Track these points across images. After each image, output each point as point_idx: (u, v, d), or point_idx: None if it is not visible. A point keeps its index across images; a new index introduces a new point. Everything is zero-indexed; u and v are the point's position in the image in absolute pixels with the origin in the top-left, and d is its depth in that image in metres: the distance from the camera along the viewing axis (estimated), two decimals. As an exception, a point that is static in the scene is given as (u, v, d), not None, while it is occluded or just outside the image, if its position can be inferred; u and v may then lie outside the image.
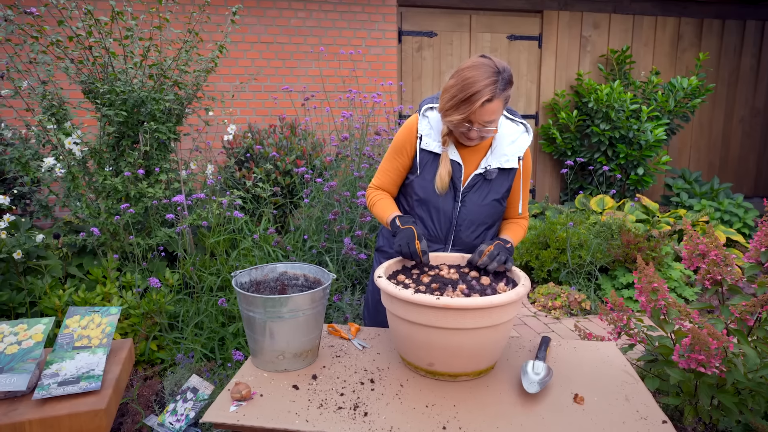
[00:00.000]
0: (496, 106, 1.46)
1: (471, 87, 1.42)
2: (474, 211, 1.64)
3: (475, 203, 1.64)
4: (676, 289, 3.71)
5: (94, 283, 2.74)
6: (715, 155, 6.60)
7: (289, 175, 3.82)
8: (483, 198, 1.64)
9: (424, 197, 1.64)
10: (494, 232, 1.74)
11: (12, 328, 1.33)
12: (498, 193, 1.65)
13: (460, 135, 1.56)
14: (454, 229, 1.66)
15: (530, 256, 4.02)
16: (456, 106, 1.46)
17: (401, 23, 5.49)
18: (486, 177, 1.63)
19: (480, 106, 1.43)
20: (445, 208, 1.64)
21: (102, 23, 2.69)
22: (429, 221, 1.67)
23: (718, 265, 2.01)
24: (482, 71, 1.44)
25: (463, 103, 1.44)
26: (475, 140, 1.56)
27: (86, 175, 2.88)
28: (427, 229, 1.68)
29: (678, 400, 1.91)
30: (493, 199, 1.65)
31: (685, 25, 6.19)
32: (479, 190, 1.64)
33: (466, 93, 1.43)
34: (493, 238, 1.73)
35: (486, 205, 1.64)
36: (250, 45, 4.94)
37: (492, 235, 1.73)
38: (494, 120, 1.49)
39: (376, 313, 1.84)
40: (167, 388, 2.13)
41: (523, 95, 6.01)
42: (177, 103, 3.00)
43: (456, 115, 1.47)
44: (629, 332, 2.02)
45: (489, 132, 1.52)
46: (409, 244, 1.46)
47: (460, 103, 1.45)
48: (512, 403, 1.24)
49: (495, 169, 1.63)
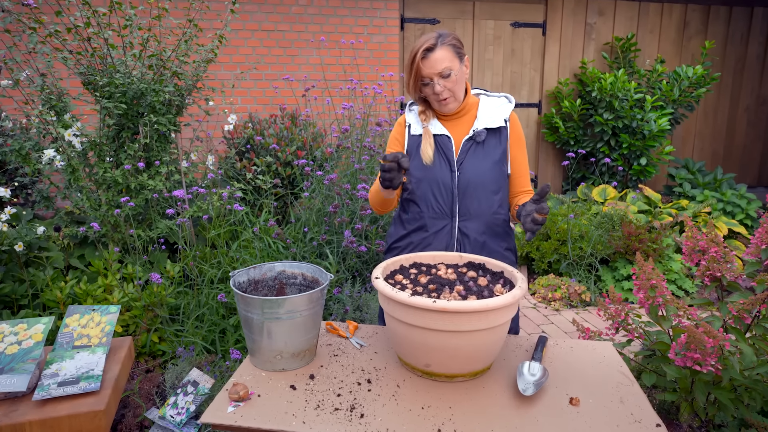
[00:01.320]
0: (441, 54, 1.57)
1: (412, 52, 1.61)
2: (473, 176, 1.67)
3: (473, 168, 1.67)
4: (677, 281, 3.71)
5: (95, 274, 2.76)
6: (719, 144, 6.55)
7: (290, 166, 3.82)
8: (480, 161, 1.67)
9: (421, 176, 1.69)
10: (501, 199, 1.72)
11: (12, 327, 1.34)
12: (494, 155, 1.69)
13: (436, 104, 1.67)
14: (456, 199, 1.68)
15: (531, 247, 4.02)
16: (408, 71, 1.63)
17: (404, 10, 5.43)
18: (476, 140, 1.68)
19: (421, 58, 1.57)
20: (443, 180, 1.67)
21: (100, 14, 2.67)
22: (431, 197, 1.70)
23: (718, 261, 2.01)
24: (422, 37, 1.62)
25: (411, 63, 1.61)
26: (447, 98, 1.64)
27: (87, 167, 2.88)
28: (430, 206, 1.71)
29: (674, 396, 1.92)
30: (492, 162, 1.68)
31: (692, 12, 6.11)
32: (474, 155, 1.68)
33: (410, 58, 1.61)
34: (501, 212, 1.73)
35: (485, 169, 1.67)
36: (251, 33, 4.90)
37: (499, 201, 1.72)
38: (448, 68, 1.58)
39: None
40: (168, 381, 2.16)
41: (527, 83, 5.96)
42: (177, 95, 2.98)
43: (410, 77, 1.62)
44: (627, 327, 2.03)
45: (453, 83, 1.61)
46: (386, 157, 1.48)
47: (409, 65, 1.62)
48: (508, 405, 1.25)
49: (483, 130, 1.68)
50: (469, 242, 1.71)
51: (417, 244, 1.74)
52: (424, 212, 1.72)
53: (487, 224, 1.71)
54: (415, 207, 1.75)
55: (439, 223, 1.71)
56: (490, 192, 1.69)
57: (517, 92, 5.97)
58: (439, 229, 1.71)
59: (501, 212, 1.73)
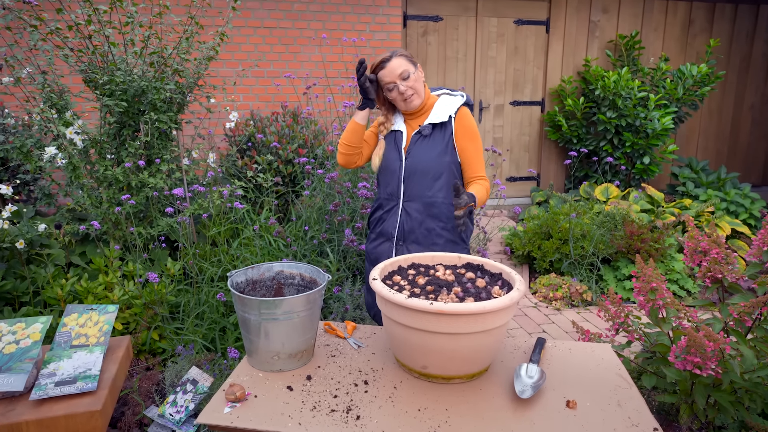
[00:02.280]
0: (396, 63, 1.84)
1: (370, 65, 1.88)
2: (417, 164, 1.92)
3: (417, 157, 1.92)
4: (679, 281, 3.70)
5: (96, 272, 2.76)
6: (723, 143, 6.52)
7: (291, 164, 3.81)
8: (424, 152, 1.92)
9: (383, 165, 2.01)
10: (441, 184, 1.94)
11: (10, 327, 1.34)
12: (438, 147, 1.92)
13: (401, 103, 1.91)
14: (402, 184, 1.95)
15: (532, 246, 4.01)
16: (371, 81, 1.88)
17: (406, 7, 5.41)
18: (422, 133, 1.93)
19: (380, 67, 1.85)
20: (393, 168, 1.96)
21: (101, 12, 2.66)
22: (385, 183, 2.01)
23: (719, 263, 2.00)
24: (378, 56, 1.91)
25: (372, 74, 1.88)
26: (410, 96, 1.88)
27: (88, 165, 2.88)
28: (385, 190, 2.02)
29: (674, 398, 1.92)
30: (435, 153, 1.91)
31: (697, 10, 6.06)
32: (420, 146, 1.93)
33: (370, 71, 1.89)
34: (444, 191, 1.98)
35: (430, 158, 1.91)
36: (253, 30, 4.89)
37: (440, 187, 1.94)
38: (406, 71, 1.85)
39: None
40: (168, 380, 2.16)
41: (530, 81, 5.94)
42: (178, 92, 2.98)
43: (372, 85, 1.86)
44: (627, 329, 2.02)
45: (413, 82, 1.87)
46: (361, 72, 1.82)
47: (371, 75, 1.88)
48: (504, 407, 1.24)
49: (428, 125, 1.93)
50: (410, 220, 1.96)
51: (378, 220, 2.06)
52: (381, 194, 2.05)
53: (426, 205, 1.94)
54: (379, 190, 2.08)
55: (390, 203, 2.01)
56: (430, 178, 1.93)
57: (521, 90, 5.95)
58: (390, 208, 1.99)
59: (439, 196, 1.95)
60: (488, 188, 1.95)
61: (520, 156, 6.12)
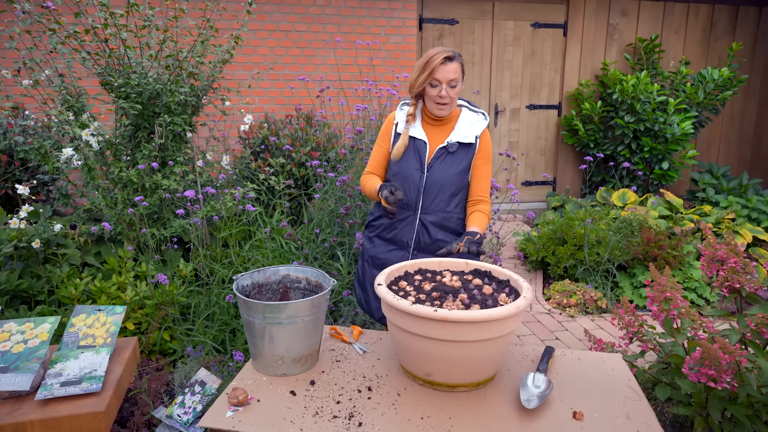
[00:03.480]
0: (455, 67, 1.81)
1: (432, 53, 1.82)
2: (439, 179, 1.93)
3: (440, 173, 1.93)
4: (697, 289, 3.61)
5: (110, 272, 2.80)
6: (746, 149, 6.37)
7: (304, 167, 3.82)
8: (447, 169, 1.93)
9: (397, 171, 1.97)
10: (458, 201, 1.98)
11: (19, 326, 1.36)
12: (460, 165, 1.94)
13: (433, 106, 1.88)
14: (421, 195, 1.94)
15: (546, 251, 3.96)
16: (422, 69, 1.82)
17: (422, 10, 5.40)
18: (448, 150, 1.93)
19: (441, 63, 1.79)
20: (413, 178, 1.94)
21: (117, 15, 2.70)
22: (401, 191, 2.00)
23: (737, 272, 1.94)
24: (438, 47, 1.84)
25: (427, 64, 1.81)
26: (446, 104, 1.86)
27: (104, 166, 2.92)
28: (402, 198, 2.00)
29: (689, 410, 1.87)
30: (457, 170, 1.93)
31: (719, 12, 5.95)
32: (443, 162, 1.93)
33: (428, 57, 1.82)
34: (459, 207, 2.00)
35: (450, 175, 1.93)
36: (268, 33, 4.92)
37: (456, 203, 1.98)
38: (457, 79, 1.82)
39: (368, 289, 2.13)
40: (176, 380, 2.17)
41: (546, 84, 5.88)
42: (192, 95, 3.01)
43: (423, 75, 1.82)
44: (641, 338, 1.98)
45: (455, 93, 1.85)
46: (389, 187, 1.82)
47: (425, 65, 1.82)
48: (509, 417, 1.22)
49: (455, 143, 1.93)
50: (426, 232, 1.96)
51: (389, 226, 2.03)
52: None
53: (442, 219, 1.97)
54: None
55: (404, 212, 1.99)
56: (449, 194, 1.96)
57: (537, 93, 5.89)
58: (404, 218, 1.98)
59: (455, 211, 1.99)
60: (489, 213, 2.00)
61: (536, 160, 6.05)
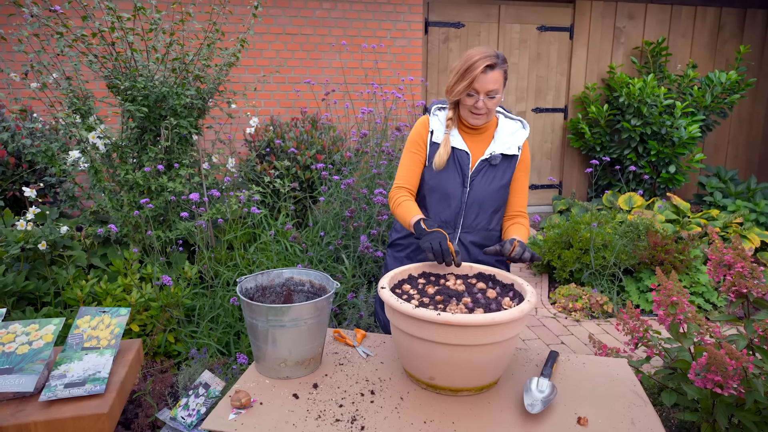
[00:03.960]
0: (497, 76, 1.62)
1: (473, 58, 1.62)
2: (481, 194, 1.75)
3: (483, 187, 1.75)
4: (704, 294, 3.58)
5: (116, 274, 2.81)
6: (754, 152, 6.33)
7: (309, 170, 3.83)
8: (489, 183, 1.76)
9: (435, 185, 1.76)
10: (499, 217, 1.84)
11: (24, 327, 1.36)
12: (503, 179, 1.77)
13: (468, 114, 1.70)
14: (462, 212, 1.76)
15: (552, 255, 3.94)
16: (462, 76, 1.63)
17: (428, 14, 5.40)
18: (491, 162, 1.76)
19: (482, 72, 1.60)
20: (454, 193, 1.75)
21: (124, 19, 2.72)
22: (440, 207, 1.78)
23: (744, 277, 1.93)
24: (482, 49, 1.64)
25: (467, 71, 1.62)
26: (482, 114, 1.68)
27: (110, 168, 2.94)
28: (438, 215, 1.78)
29: (695, 416, 1.85)
30: (499, 185, 1.77)
31: (727, 15, 5.92)
32: (486, 175, 1.76)
33: (468, 63, 1.62)
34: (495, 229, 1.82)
35: (492, 190, 1.76)
36: (275, 36, 4.94)
37: (498, 219, 1.83)
38: (497, 90, 1.64)
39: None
40: (181, 383, 2.18)
41: (552, 88, 5.86)
42: (198, 98, 3.02)
43: (461, 83, 1.63)
44: (647, 343, 1.96)
45: (493, 104, 1.67)
46: (441, 242, 1.50)
47: (464, 72, 1.62)
48: (512, 422, 1.21)
49: (499, 155, 1.76)
50: (465, 253, 1.79)
51: (418, 247, 1.83)
52: (431, 218, 1.79)
53: (483, 238, 1.80)
54: (423, 211, 1.81)
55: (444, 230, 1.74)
56: (491, 210, 1.79)
57: (543, 97, 5.88)
58: None
59: (496, 229, 1.83)
60: (529, 228, 1.84)
61: (542, 163, 6.04)
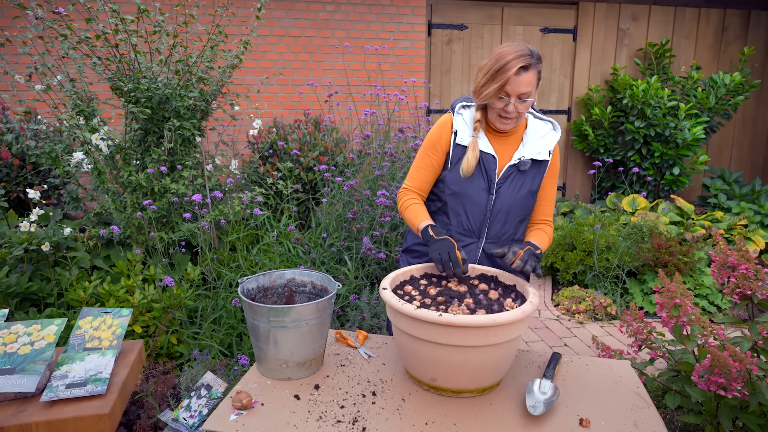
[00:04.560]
0: (531, 78, 1.49)
1: (505, 57, 1.47)
2: (508, 202, 1.64)
3: (510, 195, 1.64)
4: (709, 296, 3.57)
5: (119, 275, 2.81)
6: (758, 154, 6.30)
7: (312, 171, 3.83)
8: (517, 190, 1.64)
9: (458, 191, 1.64)
10: (525, 226, 1.74)
11: (26, 328, 1.37)
12: (531, 186, 1.66)
13: (496, 118, 1.58)
14: (488, 221, 1.66)
15: (556, 257, 3.93)
16: (492, 77, 1.49)
17: (431, 16, 5.41)
18: (520, 168, 1.64)
19: (515, 74, 1.47)
20: (479, 201, 1.64)
21: (128, 21, 2.73)
22: (463, 215, 1.67)
23: (748, 279, 1.91)
24: (514, 46, 1.50)
25: (499, 72, 1.48)
26: (511, 119, 1.57)
27: (113, 170, 2.95)
28: (461, 223, 1.68)
29: (699, 418, 1.84)
30: (527, 191, 1.65)
31: (731, 17, 5.89)
32: (513, 181, 1.64)
33: (500, 63, 1.48)
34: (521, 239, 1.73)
35: (520, 197, 1.65)
36: (278, 38, 4.96)
37: (524, 229, 1.73)
38: (529, 93, 1.51)
39: None
40: (183, 384, 2.18)
41: (556, 90, 5.85)
42: (201, 100, 3.03)
43: (492, 86, 1.49)
44: (650, 345, 1.95)
45: (525, 108, 1.53)
46: (450, 252, 1.44)
47: (495, 73, 1.48)
48: (514, 424, 1.21)
49: (528, 160, 1.64)
50: (489, 263, 1.70)
51: None
52: (453, 226, 1.69)
53: None
54: (444, 218, 1.71)
55: (465, 239, 1.69)
56: (518, 219, 1.68)
57: (546, 98, 5.87)
58: (463, 246, 1.67)
59: (522, 239, 1.73)
60: (552, 236, 1.73)
61: (545, 165, 6.02)
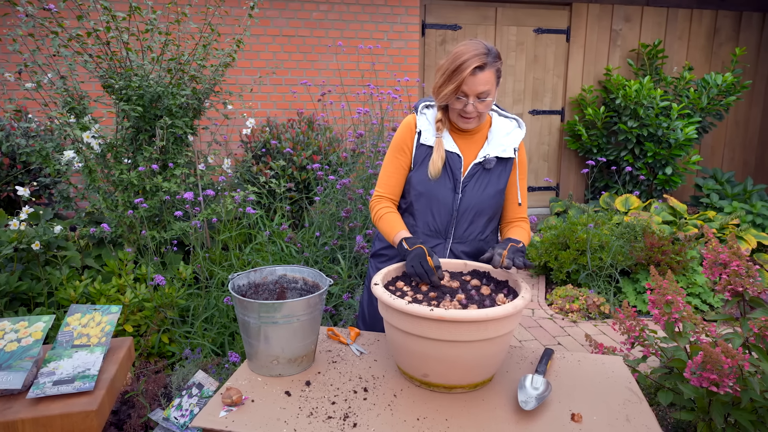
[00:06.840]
0: (488, 77, 1.49)
1: (461, 57, 1.47)
2: (474, 201, 1.63)
3: (476, 193, 1.63)
4: (701, 295, 3.58)
5: (110, 274, 2.79)
6: (750, 154, 6.34)
7: (305, 170, 3.82)
8: (483, 188, 1.64)
9: (424, 191, 1.63)
10: (494, 226, 1.73)
11: (13, 325, 1.35)
12: (498, 184, 1.65)
13: (457, 117, 1.58)
14: (454, 221, 1.65)
15: (549, 256, 3.94)
16: (449, 78, 1.49)
17: (425, 16, 5.41)
18: (485, 166, 1.64)
19: (471, 74, 1.47)
20: (445, 200, 1.63)
21: (119, 19, 2.71)
22: (429, 215, 1.66)
23: (740, 276, 1.92)
24: (471, 45, 1.50)
25: (455, 72, 1.48)
26: (472, 118, 1.56)
27: (104, 168, 2.93)
28: (427, 224, 1.67)
29: (692, 415, 1.84)
30: (494, 190, 1.65)
31: (723, 18, 5.94)
32: (479, 180, 1.64)
33: (456, 63, 1.47)
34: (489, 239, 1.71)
35: (486, 196, 1.64)
36: (271, 38, 4.94)
37: (492, 228, 1.72)
38: (488, 92, 1.51)
39: (374, 322, 1.83)
40: (174, 383, 2.16)
41: (549, 90, 5.87)
42: (193, 98, 3.01)
43: (449, 86, 1.49)
44: (643, 343, 1.95)
45: (485, 107, 1.53)
46: (422, 262, 1.41)
47: (452, 73, 1.48)
48: (506, 419, 1.20)
49: (493, 158, 1.64)
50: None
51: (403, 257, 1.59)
52: (419, 228, 1.68)
53: (476, 248, 1.69)
54: (410, 219, 1.69)
55: (432, 240, 1.67)
56: (485, 218, 1.67)
57: (540, 99, 5.88)
58: (430, 247, 1.61)
59: (491, 238, 1.72)
60: (530, 232, 1.71)
61: (539, 165, 6.04)
